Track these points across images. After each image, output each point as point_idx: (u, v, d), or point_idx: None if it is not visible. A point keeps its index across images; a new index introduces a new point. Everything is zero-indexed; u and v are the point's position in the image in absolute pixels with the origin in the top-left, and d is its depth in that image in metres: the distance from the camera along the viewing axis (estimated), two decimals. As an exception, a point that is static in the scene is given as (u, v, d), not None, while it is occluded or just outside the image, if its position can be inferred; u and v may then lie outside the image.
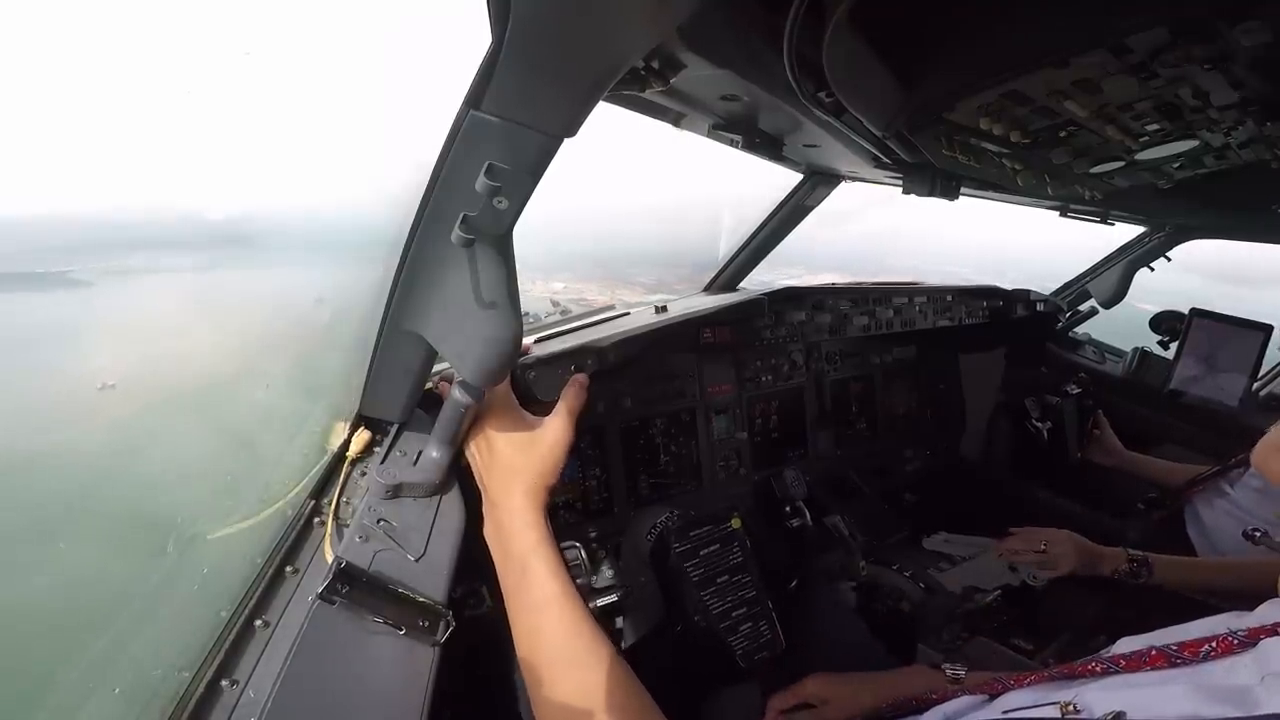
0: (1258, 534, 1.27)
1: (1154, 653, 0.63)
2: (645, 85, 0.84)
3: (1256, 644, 0.57)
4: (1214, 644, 0.60)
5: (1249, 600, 0.65)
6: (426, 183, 0.87)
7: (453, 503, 1.18)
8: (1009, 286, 2.68)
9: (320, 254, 1.30)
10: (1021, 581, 1.62)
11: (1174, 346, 2.45)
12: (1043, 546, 1.54)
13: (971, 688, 1.08)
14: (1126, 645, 0.68)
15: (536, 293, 2.13)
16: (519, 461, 1.00)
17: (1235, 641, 0.59)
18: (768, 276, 2.39)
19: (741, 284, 2.44)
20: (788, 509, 1.88)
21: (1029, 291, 2.72)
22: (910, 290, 2.41)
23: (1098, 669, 0.67)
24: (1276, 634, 0.57)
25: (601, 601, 1.23)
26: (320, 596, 0.91)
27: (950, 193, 1.46)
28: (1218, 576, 1.50)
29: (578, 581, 1.30)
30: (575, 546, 1.34)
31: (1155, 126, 1.01)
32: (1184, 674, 0.60)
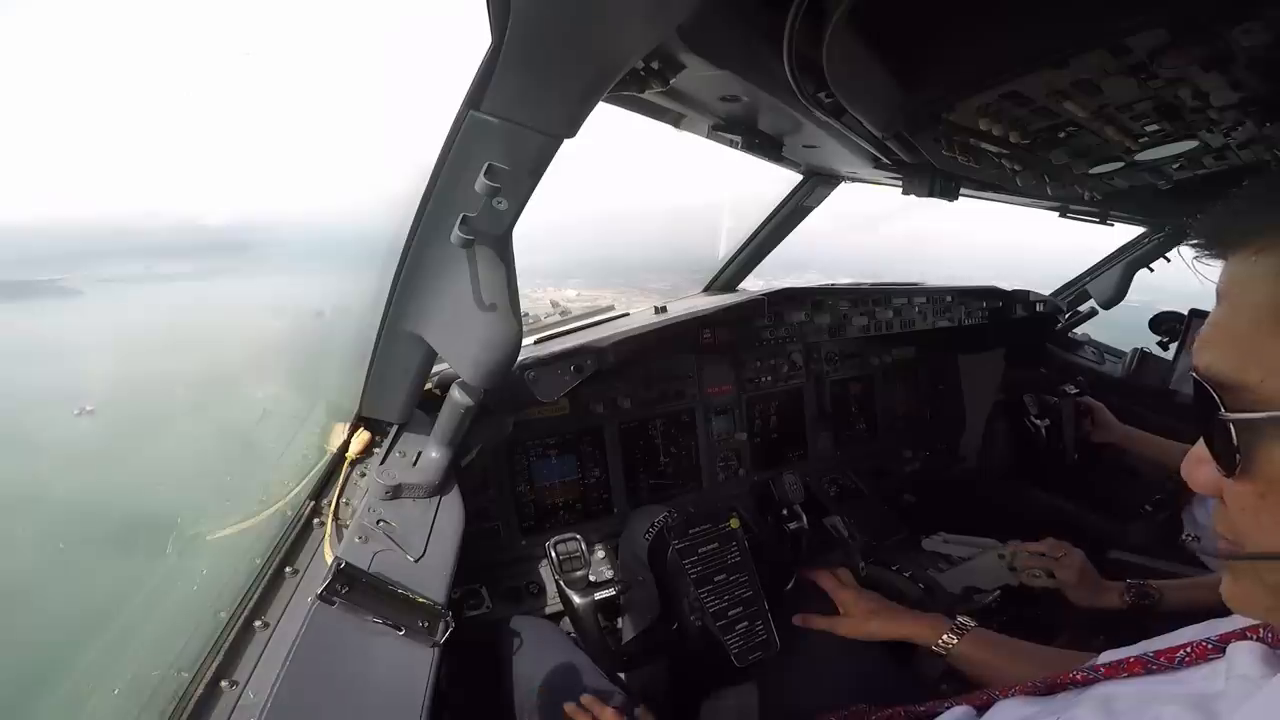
0: (1189, 538, 1.23)
1: (1132, 660, 0.65)
2: (645, 86, 0.84)
3: (1228, 649, 0.58)
4: (1189, 649, 0.61)
5: None
6: (426, 184, 0.87)
7: (452, 503, 1.18)
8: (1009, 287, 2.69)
9: (319, 256, 1.29)
10: (1020, 582, 1.61)
11: (1173, 347, 2.45)
12: (1059, 556, 1.52)
13: (963, 658, 1.12)
14: (1109, 657, 0.70)
15: (549, 300, 2.10)
16: None
17: (1210, 646, 0.60)
18: (786, 282, 2.38)
19: (741, 285, 2.44)
20: (785, 512, 1.88)
21: (1028, 292, 2.72)
22: (910, 291, 2.41)
23: (1080, 678, 0.69)
24: (1244, 638, 0.58)
25: (599, 595, 1.23)
26: (320, 597, 0.91)
27: (950, 193, 1.46)
28: (1213, 594, 1.48)
29: (576, 574, 1.30)
30: (575, 538, 1.34)
31: (1155, 127, 1.01)
32: (1165, 685, 0.61)
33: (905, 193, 1.51)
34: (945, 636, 1.14)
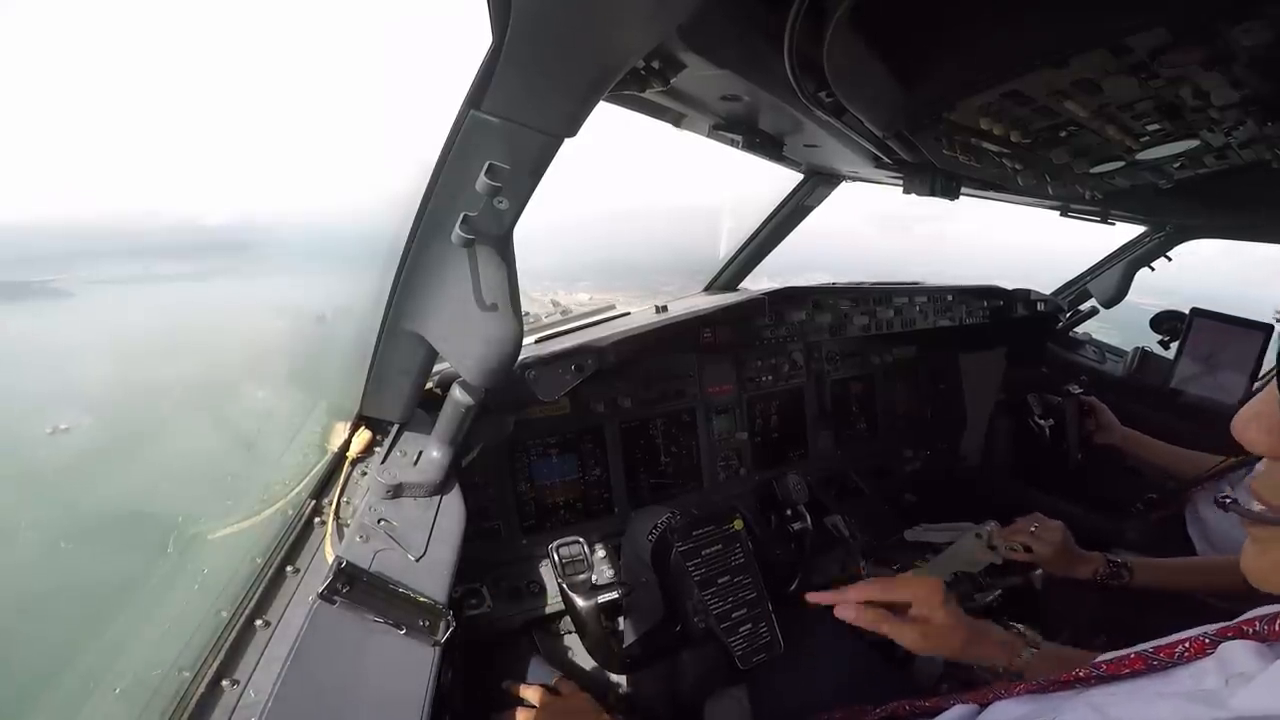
0: (1228, 500, 1.25)
1: (1133, 656, 0.66)
2: (645, 85, 0.84)
3: (1218, 647, 0.59)
4: (1187, 644, 0.62)
5: (1238, 601, 0.66)
6: (427, 183, 0.87)
7: (453, 503, 1.18)
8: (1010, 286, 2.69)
9: (320, 256, 1.29)
10: (1002, 560, 1.62)
11: (1174, 346, 2.45)
12: (1033, 529, 1.56)
13: (1030, 676, 1.05)
14: (1107, 657, 0.70)
15: (550, 299, 2.09)
16: None
17: (1207, 641, 0.60)
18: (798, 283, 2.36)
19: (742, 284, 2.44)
20: (789, 512, 1.88)
21: (1029, 291, 2.72)
22: (910, 290, 2.41)
23: (1082, 675, 0.69)
24: (1237, 636, 0.58)
25: (602, 598, 1.23)
26: (321, 596, 0.91)
27: (951, 192, 1.46)
28: (1192, 578, 1.51)
29: (579, 577, 1.30)
30: (578, 541, 1.33)
31: (1155, 126, 1.01)
32: (1156, 684, 0.62)
33: (906, 191, 1.51)
34: (1024, 654, 1.04)
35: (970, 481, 2.74)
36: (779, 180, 2.00)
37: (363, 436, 1.18)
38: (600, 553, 1.75)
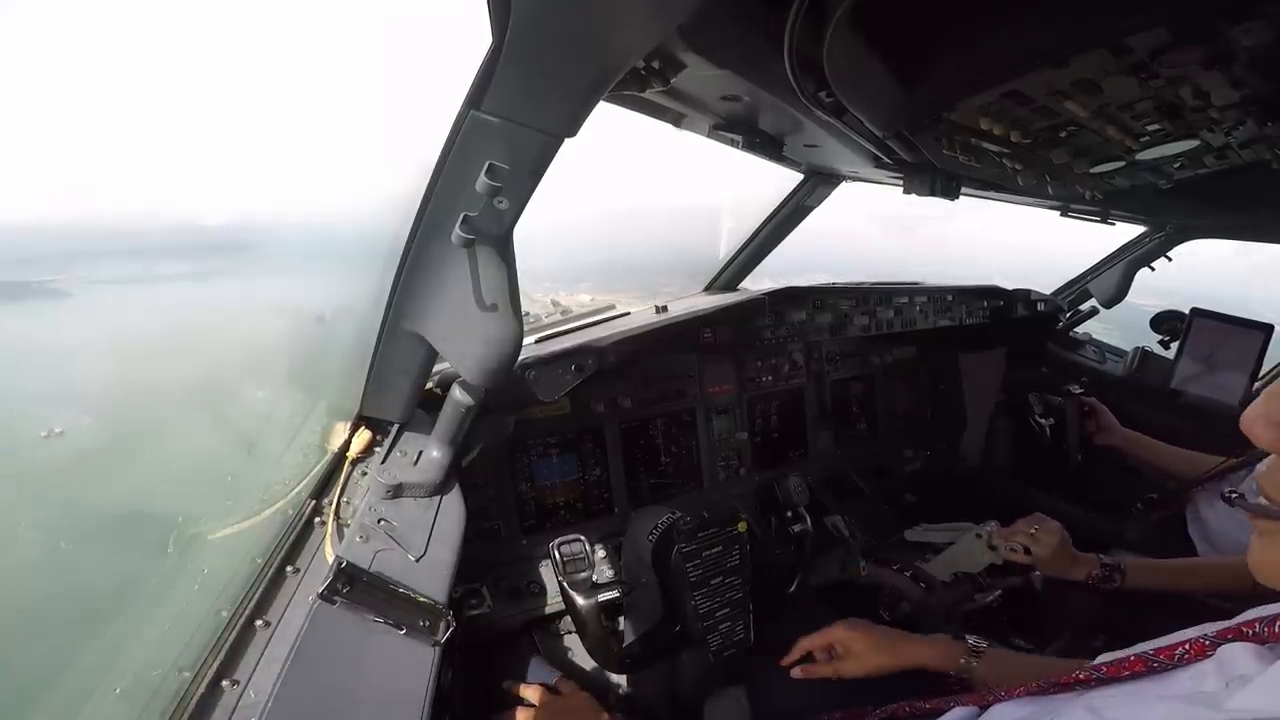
0: (1234, 495, 1.26)
1: (1133, 659, 0.65)
2: (645, 85, 0.84)
3: (1218, 649, 0.58)
4: (1187, 646, 0.62)
5: (1233, 601, 0.66)
6: (427, 183, 0.87)
7: (454, 503, 1.18)
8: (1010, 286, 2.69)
9: (320, 256, 1.29)
10: (1002, 560, 1.62)
11: (1175, 346, 2.45)
12: (1033, 530, 1.56)
13: (982, 681, 1.09)
14: (1110, 657, 0.70)
15: (550, 299, 2.08)
16: None
17: (1207, 644, 0.60)
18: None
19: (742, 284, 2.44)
20: (789, 514, 1.88)
21: (1029, 291, 2.72)
22: (910, 290, 2.41)
23: (1082, 678, 0.69)
24: (1236, 638, 0.58)
25: (602, 597, 1.23)
26: (321, 596, 0.91)
27: (951, 192, 1.46)
28: (1184, 579, 1.51)
29: (579, 575, 1.31)
30: (579, 540, 1.34)
31: (1155, 126, 1.01)
32: (1156, 686, 0.62)
33: (906, 191, 1.51)
34: (963, 660, 1.15)
35: (970, 481, 2.74)
36: (779, 180, 2.01)
37: (363, 436, 1.19)
38: (600, 553, 1.75)
